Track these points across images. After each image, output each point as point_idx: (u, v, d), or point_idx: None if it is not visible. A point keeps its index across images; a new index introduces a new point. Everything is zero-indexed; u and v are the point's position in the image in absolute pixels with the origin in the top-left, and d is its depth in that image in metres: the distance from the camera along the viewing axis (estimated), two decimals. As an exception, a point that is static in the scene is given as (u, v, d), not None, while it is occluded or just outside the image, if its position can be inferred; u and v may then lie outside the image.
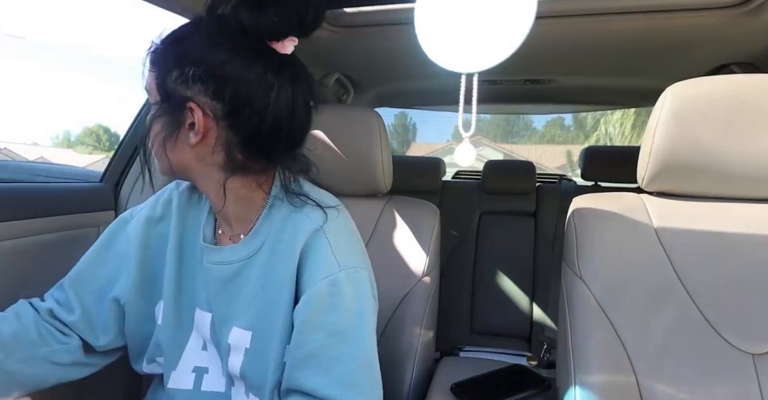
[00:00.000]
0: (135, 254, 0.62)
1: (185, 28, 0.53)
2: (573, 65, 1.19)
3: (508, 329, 1.60)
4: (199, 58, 0.49)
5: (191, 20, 0.54)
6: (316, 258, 0.54)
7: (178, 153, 0.53)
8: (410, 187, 1.70)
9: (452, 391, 0.77)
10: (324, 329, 0.51)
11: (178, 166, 0.55)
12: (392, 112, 3.50)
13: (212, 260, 0.58)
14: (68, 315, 0.61)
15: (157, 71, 0.51)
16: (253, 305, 0.56)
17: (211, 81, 0.49)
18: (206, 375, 0.60)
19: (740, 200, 0.68)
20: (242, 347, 0.56)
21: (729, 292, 0.64)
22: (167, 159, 0.54)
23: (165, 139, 0.52)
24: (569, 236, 0.72)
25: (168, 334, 0.61)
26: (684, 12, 0.81)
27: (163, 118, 0.52)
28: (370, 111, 0.90)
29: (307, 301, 0.52)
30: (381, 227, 0.92)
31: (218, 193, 0.55)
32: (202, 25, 0.51)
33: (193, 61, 0.49)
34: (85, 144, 26.25)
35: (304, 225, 0.55)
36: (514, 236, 1.69)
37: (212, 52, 0.49)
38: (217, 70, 0.49)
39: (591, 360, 0.64)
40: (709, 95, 0.63)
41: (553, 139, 16.36)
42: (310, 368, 0.50)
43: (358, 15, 0.89)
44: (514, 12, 0.41)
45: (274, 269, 0.55)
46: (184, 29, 0.53)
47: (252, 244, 0.57)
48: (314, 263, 0.53)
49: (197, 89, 0.50)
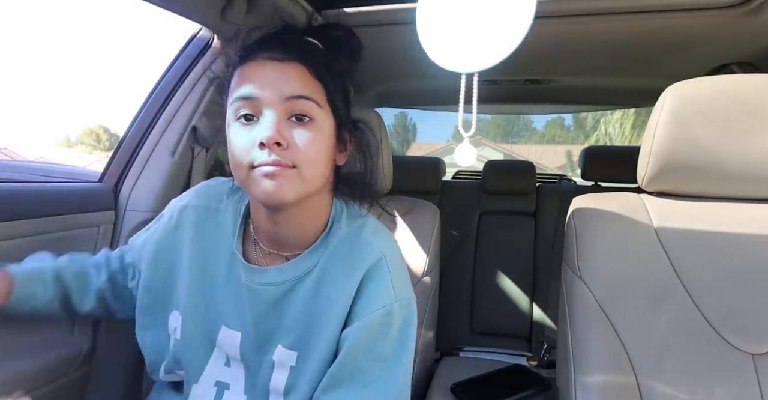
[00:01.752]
0: (147, 260, 0.63)
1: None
2: (573, 65, 1.19)
3: (508, 329, 1.60)
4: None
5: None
6: (375, 287, 0.54)
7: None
8: (410, 187, 1.70)
9: (452, 391, 0.77)
10: (371, 354, 0.53)
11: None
12: (392, 112, 3.49)
13: (259, 282, 0.56)
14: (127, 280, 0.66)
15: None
16: (299, 325, 0.56)
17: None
18: (227, 391, 0.60)
19: (740, 200, 0.68)
20: (287, 366, 0.56)
21: (729, 292, 0.64)
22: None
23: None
24: (569, 236, 0.72)
25: (189, 350, 0.60)
26: (684, 12, 0.81)
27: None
28: (370, 111, 0.90)
29: (360, 327, 0.53)
30: (381, 227, 0.91)
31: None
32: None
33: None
34: (85, 144, 26.33)
35: (367, 251, 0.56)
36: (514, 235, 1.69)
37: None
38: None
39: (591, 360, 0.64)
40: (709, 95, 0.63)
41: (553, 139, 16.36)
42: (352, 386, 0.52)
43: (358, 15, 0.89)
44: (513, 11, 0.41)
45: (324, 291, 0.55)
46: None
47: (303, 265, 0.56)
48: (373, 291, 0.54)
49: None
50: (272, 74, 0.49)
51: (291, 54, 0.50)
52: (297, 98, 0.49)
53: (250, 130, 0.49)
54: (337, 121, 0.54)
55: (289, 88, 0.49)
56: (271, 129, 0.47)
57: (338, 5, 0.89)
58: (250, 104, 0.49)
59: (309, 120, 0.50)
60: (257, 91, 0.49)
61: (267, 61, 0.50)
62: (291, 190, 0.49)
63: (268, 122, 0.48)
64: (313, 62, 0.51)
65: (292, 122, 0.50)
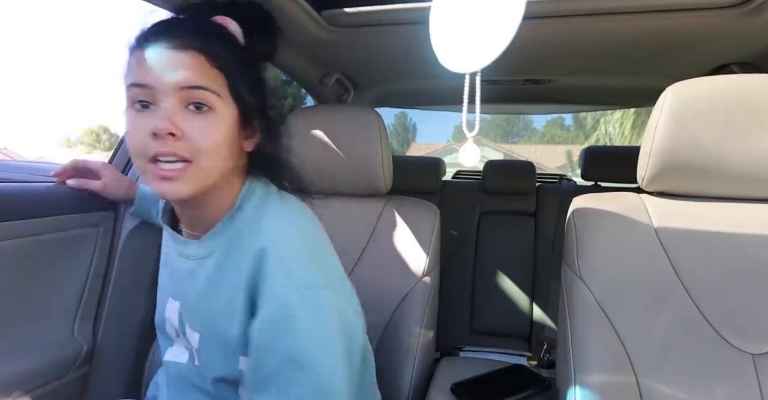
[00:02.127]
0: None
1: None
2: (573, 65, 1.19)
3: (508, 329, 1.60)
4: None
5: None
6: (269, 277, 0.50)
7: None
8: (410, 187, 1.70)
9: (452, 391, 0.77)
10: (278, 354, 0.48)
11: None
12: (392, 112, 3.50)
13: (180, 251, 0.58)
14: None
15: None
16: (201, 307, 0.55)
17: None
18: (180, 364, 0.61)
19: (740, 200, 0.68)
20: (192, 347, 0.57)
21: (729, 292, 0.64)
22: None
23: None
24: (569, 236, 0.72)
25: (160, 325, 0.65)
26: (684, 12, 0.81)
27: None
28: (370, 111, 0.90)
29: (259, 325, 0.49)
30: (381, 226, 0.92)
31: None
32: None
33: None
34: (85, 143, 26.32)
35: (256, 238, 0.52)
36: (514, 235, 1.69)
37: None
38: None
39: (591, 360, 0.64)
40: (709, 95, 0.63)
41: (553, 139, 16.36)
42: (268, 392, 0.48)
43: (358, 15, 0.89)
44: (503, 8, 0.42)
45: (223, 276, 0.54)
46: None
47: (204, 246, 0.55)
48: (267, 282, 0.50)
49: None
50: (167, 63, 0.47)
51: (189, 41, 0.48)
52: (192, 88, 0.47)
53: (144, 118, 0.48)
54: (240, 110, 0.52)
55: (183, 78, 0.47)
56: (164, 119, 0.46)
57: (338, 5, 0.89)
58: (144, 92, 0.48)
59: (208, 109, 0.49)
60: (152, 79, 0.47)
61: (164, 49, 0.47)
62: (187, 188, 0.49)
63: (162, 112, 0.47)
64: (214, 50, 0.49)
65: (189, 111, 0.48)
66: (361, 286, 0.88)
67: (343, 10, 0.89)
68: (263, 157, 0.57)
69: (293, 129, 0.90)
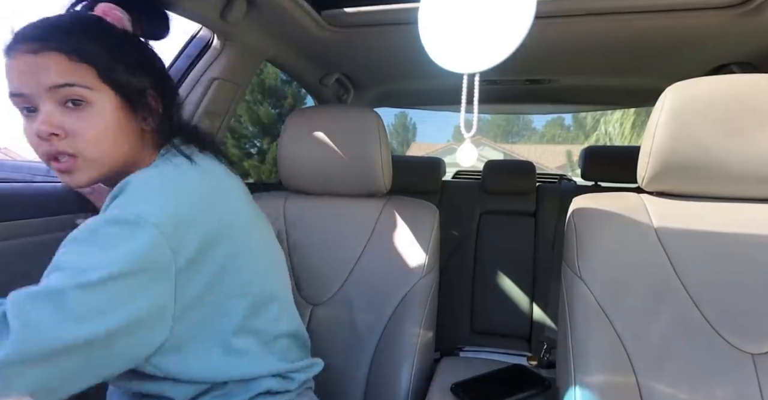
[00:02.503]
0: None
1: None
2: (573, 65, 1.19)
3: (508, 329, 1.60)
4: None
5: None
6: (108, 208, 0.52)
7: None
8: (410, 187, 1.70)
9: (452, 391, 0.77)
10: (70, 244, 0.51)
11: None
12: (392, 112, 3.50)
13: None
14: None
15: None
16: None
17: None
18: None
19: (740, 200, 0.68)
20: None
21: (729, 292, 0.64)
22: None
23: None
24: (569, 236, 0.72)
25: None
26: (684, 12, 0.81)
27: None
28: (369, 111, 0.90)
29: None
30: (380, 227, 0.92)
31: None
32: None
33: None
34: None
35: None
36: (514, 236, 1.69)
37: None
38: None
39: (591, 360, 0.64)
40: (709, 95, 0.63)
41: (553, 139, 16.36)
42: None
43: (358, 15, 0.89)
44: (513, 11, 0.42)
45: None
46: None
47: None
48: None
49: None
50: (28, 68, 0.49)
51: (49, 42, 0.49)
52: (60, 87, 0.49)
53: (31, 123, 0.51)
54: (122, 95, 0.53)
55: (47, 79, 0.49)
56: (44, 122, 0.49)
57: (338, 5, 0.89)
58: (22, 99, 0.50)
59: (85, 104, 0.51)
60: (21, 86, 0.50)
61: (23, 55, 0.49)
62: (83, 178, 0.53)
63: (42, 115, 0.50)
64: (74, 47, 0.50)
65: (69, 109, 0.50)
66: (360, 286, 0.89)
67: (343, 10, 0.90)
68: (170, 127, 0.59)
69: (293, 129, 0.90)
